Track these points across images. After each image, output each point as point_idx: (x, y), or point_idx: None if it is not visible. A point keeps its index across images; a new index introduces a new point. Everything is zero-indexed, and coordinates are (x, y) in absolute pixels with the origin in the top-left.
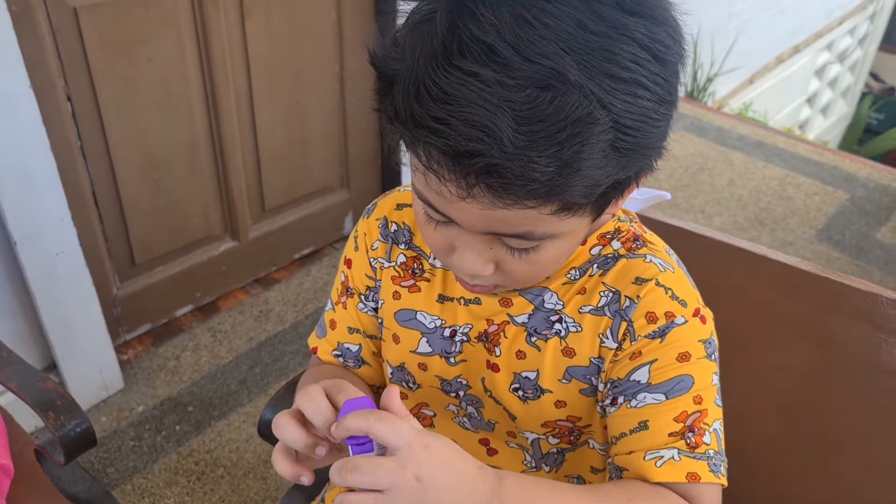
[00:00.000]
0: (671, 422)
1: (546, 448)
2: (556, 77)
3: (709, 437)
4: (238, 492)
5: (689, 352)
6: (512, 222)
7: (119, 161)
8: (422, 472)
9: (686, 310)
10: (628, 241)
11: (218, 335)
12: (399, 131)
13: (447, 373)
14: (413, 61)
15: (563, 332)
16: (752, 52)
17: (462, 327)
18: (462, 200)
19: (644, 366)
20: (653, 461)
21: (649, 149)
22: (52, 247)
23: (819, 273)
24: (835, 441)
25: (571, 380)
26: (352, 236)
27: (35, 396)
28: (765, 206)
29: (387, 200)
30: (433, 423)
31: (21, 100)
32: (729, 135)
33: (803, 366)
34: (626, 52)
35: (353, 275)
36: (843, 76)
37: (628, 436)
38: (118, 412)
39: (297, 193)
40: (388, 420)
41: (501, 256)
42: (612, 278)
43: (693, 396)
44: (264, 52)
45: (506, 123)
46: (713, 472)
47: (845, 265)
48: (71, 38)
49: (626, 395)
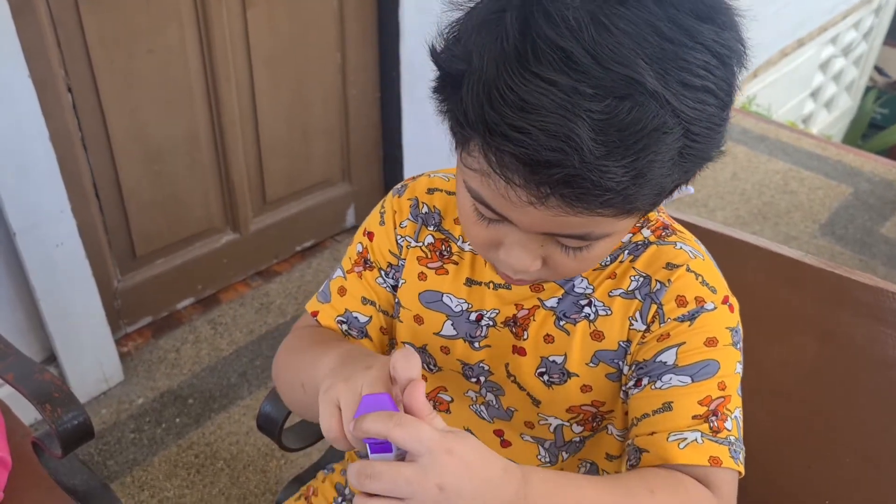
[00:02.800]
0: (695, 405)
1: (569, 436)
2: (633, 86)
3: (730, 424)
4: (238, 484)
5: (717, 337)
6: (574, 225)
7: (120, 153)
8: (445, 481)
9: (716, 296)
10: (658, 229)
11: (218, 328)
12: (469, 135)
13: (470, 357)
14: (482, 63)
15: (593, 315)
16: (756, 45)
17: (489, 312)
18: (531, 206)
19: (672, 348)
20: (676, 442)
21: (711, 153)
22: (52, 238)
23: (824, 267)
24: (838, 435)
25: (599, 364)
26: (376, 211)
27: (32, 389)
28: (768, 200)
29: (419, 182)
30: (449, 409)
31: (20, 91)
32: (732, 128)
33: (807, 360)
34: (699, 60)
35: (375, 248)
36: (848, 70)
37: (651, 416)
38: (118, 404)
39: (299, 186)
40: (408, 425)
41: (551, 253)
42: (642, 264)
43: (718, 382)
44: (266, 42)
45: (585, 133)
46: (734, 458)
47: (848, 260)
48: (72, 29)
49: (652, 377)
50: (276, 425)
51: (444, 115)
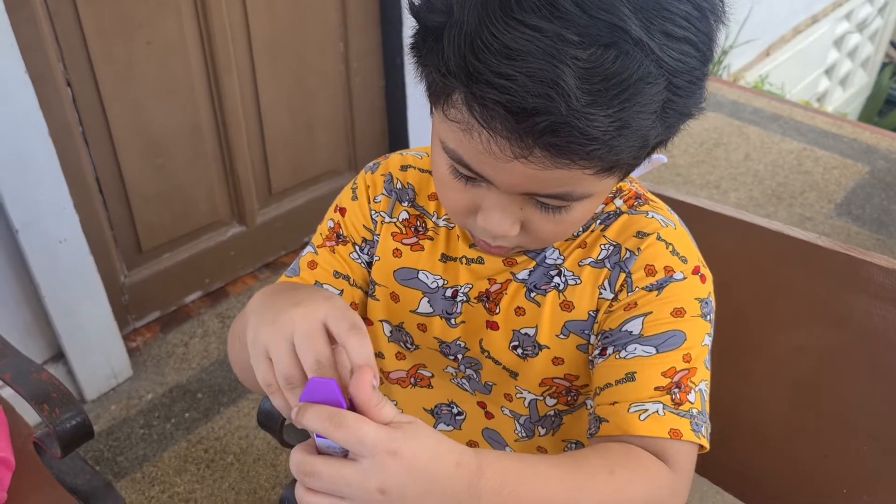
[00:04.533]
0: (659, 376)
1: (543, 410)
2: (617, 34)
3: (693, 396)
4: (248, 479)
5: (685, 308)
6: (555, 183)
7: (122, 146)
8: (387, 484)
9: (686, 266)
10: (630, 198)
11: (227, 321)
12: (451, 87)
13: (447, 335)
14: (463, 13)
15: (562, 285)
16: (769, 22)
17: (463, 287)
18: (514, 160)
19: (638, 317)
20: (636, 414)
21: (691, 109)
22: (55, 234)
23: (839, 249)
24: (855, 423)
25: (569, 335)
26: (348, 188)
27: (30, 389)
28: (782, 180)
29: (392, 160)
30: (431, 384)
31: (17, 86)
32: (745, 108)
33: (823, 345)
34: (681, 11)
35: (348, 223)
36: (863, 46)
37: (613, 386)
38: (127, 400)
39: (304, 176)
40: (349, 427)
41: (530, 216)
42: (613, 233)
43: (683, 354)
44: (266, 30)
45: (571, 80)
46: (694, 431)
47: (865, 240)
48: (69, 22)
49: (617, 346)
50: (276, 422)
51: (422, 72)
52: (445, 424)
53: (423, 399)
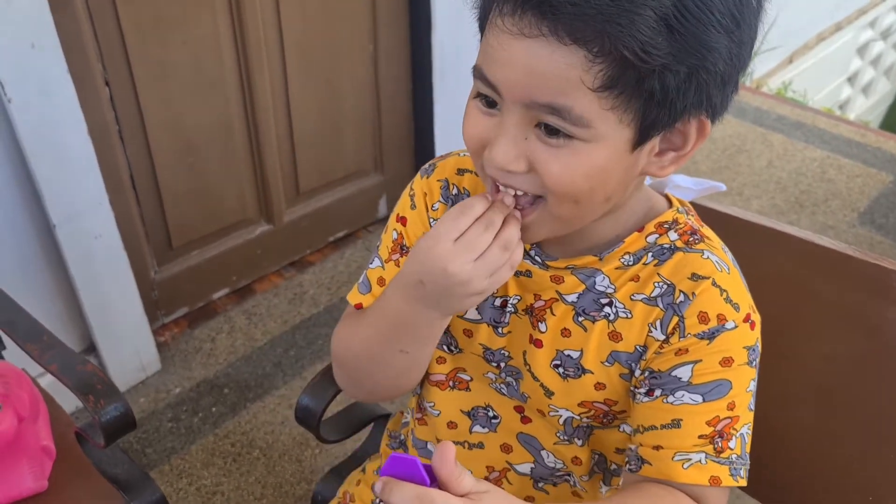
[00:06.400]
0: (703, 424)
1: (576, 424)
2: None
3: (734, 443)
4: (273, 473)
5: (733, 357)
6: (553, 83)
7: (156, 145)
8: None
9: (738, 314)
10: (685, 233)
11: (253, 318)
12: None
13: (493, 342)
14: None
15: (613, 315)
16: (792, 30)
17: (512, 298)
18: (516, 38)
19: (688, 364)
20: (680, 462)
21: (704, 51)
22: (91, 230)
23: (868, 259)
24: (882, 431)
25: (614, 363)
26: (406, 195)
27: (75, 380)
28: (805, 188)
29: (447, 163)
30: (469, 388)
31: (59, 84)
32: (768, 115)
33: (851, 354)
34: None
35: (410, 233)
36: (887, 54)
37: (658, 430)
38: (156, 393)
39: (332, 176)
40: None
41: (534, 150)
42: (667, 271)
43: (728, 402)
44: (298, 32)
45: None
46: (732, 476)
47: (888, 249)
48: (108, 21)
49: (665, 390)
50: (315, 417)
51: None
52: (481, 427)
53: (461, 401)
